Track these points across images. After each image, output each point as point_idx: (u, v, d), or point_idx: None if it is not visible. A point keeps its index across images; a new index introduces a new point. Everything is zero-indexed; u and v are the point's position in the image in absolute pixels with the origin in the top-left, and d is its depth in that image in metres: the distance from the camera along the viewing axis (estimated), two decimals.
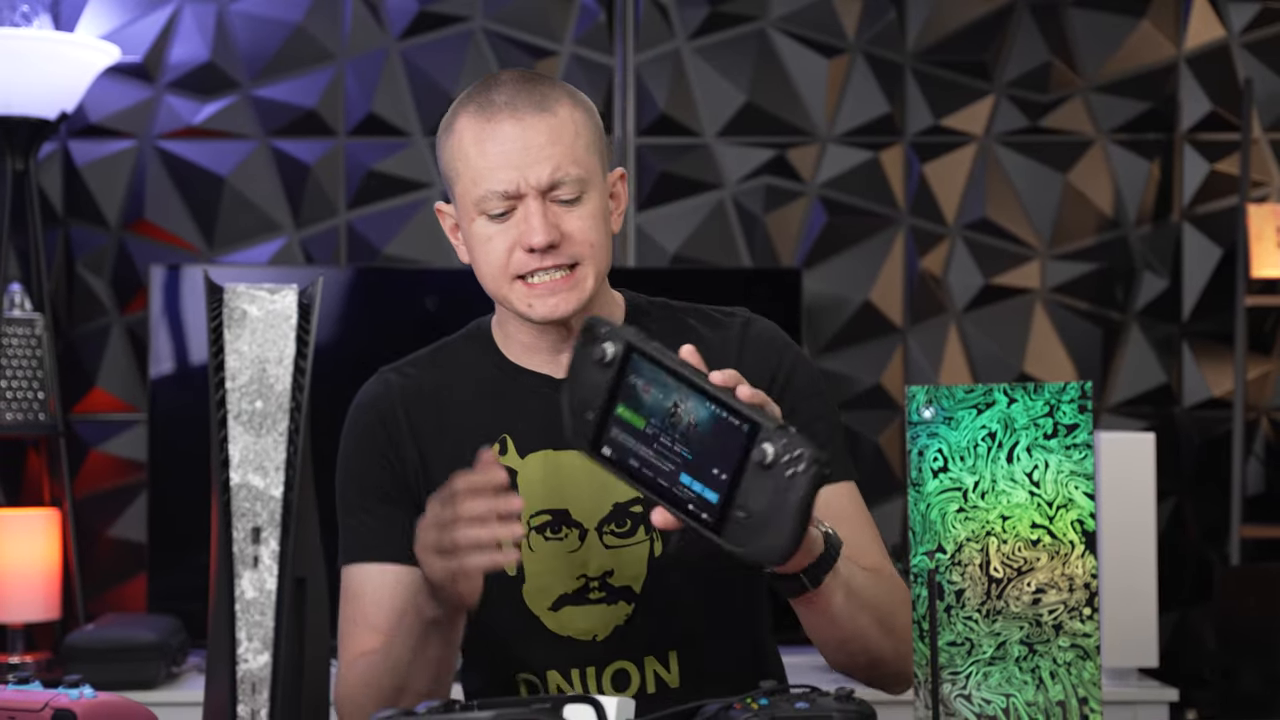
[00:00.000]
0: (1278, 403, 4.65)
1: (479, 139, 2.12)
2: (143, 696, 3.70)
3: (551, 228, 2.10)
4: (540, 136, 2.10)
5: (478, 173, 2.12)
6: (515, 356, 2.24)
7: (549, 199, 2.11)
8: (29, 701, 1.78)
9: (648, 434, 1.69)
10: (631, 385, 1.70)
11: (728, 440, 1.65)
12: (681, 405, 1.68)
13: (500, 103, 2.12)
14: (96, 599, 4.50)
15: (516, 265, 2.12)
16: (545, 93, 2.14)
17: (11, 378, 4.26)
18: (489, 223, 2.13)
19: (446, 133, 2.19)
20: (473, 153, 2.12)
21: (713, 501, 1.64)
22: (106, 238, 4.58)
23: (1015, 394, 1.79)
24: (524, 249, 2.10)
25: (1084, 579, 1.75)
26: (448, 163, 2.19)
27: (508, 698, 1.73)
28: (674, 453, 1.67)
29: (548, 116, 2.12)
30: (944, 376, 4.62)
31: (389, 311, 4.38)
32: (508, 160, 2.10)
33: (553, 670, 2.16)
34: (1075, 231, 4.66)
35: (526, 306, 2.13)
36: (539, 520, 2.16)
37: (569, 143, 2.12)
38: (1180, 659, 4.53)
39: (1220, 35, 4.66)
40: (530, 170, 2.09)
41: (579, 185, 2.12)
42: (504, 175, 2.10)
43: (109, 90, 4.54)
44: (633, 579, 2.17)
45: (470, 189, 2.13)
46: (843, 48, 4.65)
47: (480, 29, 4.62)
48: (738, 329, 2.26)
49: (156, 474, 4.33)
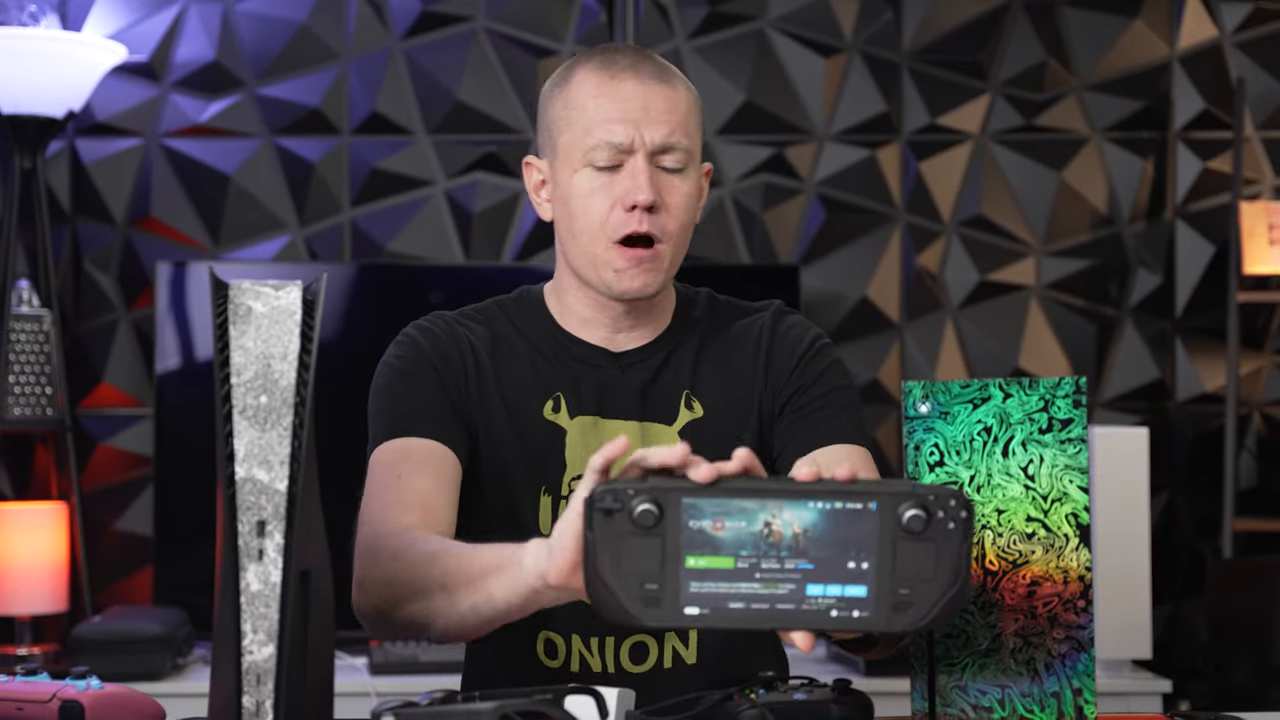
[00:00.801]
0: (1269, 398, 4.65)
1: (599, 91, 2.13)
2: (149, 688, 3.70)
3: (655, 189, 2.12)
4: (660, 101, 2.13)
5: (592, 122, 2.13)
6: (571, 327, 2.25)
7: (655, 163, 2.13)
8: (37, 693, 1.78)
9: (742, 569, 1.53)
10: (696, 531, 1.54)
11: (855, 528, 1.53)
12: (776, 520, 1.54)
13: (623, 64, 2.15)
14: (103, 591, 4.51)
15: (615, 224, 2.13)
16: (666, 67, 2.18)
17: (20, 373, 4.26)
18: (594, 175, 2.13)
19: (559, 85, 2.19)
20: (590, 104, 2.14)
21: (863, 595, 1.52)
22: (113, 235, 4.57)
23: (1011, 389, 1.79)
24: (625, 207, 2.12)
25: (1078, 572, 1.75)
26: (556, 113, 2.18)
27: (509, 689, 1.72)
28: (787, 571, 1.53)
29: (668, 86, 2.15)
30: (940, 372, 4.62)
31: (392, 307, 4.37)
32: (625, 115, 2.12)
33: (576, 634, 2.16)
34: (1070, 228, 4.66)
35: (613, 274, 2.15)
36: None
37: (684, 115, 2.16)
38: (1173, 650, 4.54)
39: (1213, 35, 4.66)
40: (646, 128, 2.12)
41: (686, 156, 2.16)
42: (620, 129, 2.11)
43: (116, 89, 4.53)
44: None
45: (581, 138, 2.14)
46: (840, 47, 4.65)
47: (482, 29, 4.62)
48: (769, 318, 2.28)
49: (163, 468, 4.33)
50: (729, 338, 2.27)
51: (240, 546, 1.61)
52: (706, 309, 2.30)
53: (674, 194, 2.15)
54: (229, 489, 1.62)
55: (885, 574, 1.51)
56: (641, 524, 1.54)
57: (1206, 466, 4.60)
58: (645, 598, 1.54)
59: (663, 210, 2.13)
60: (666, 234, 2.14)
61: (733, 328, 2.28)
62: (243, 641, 1.61)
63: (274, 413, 1.64)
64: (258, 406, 1.64)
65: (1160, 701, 4.01)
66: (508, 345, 2.24)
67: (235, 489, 1.62)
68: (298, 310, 1.67)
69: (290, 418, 1.64)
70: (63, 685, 1.79)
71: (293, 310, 1.67)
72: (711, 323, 2.28)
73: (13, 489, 4.52)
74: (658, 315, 2.26)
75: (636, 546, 1.54)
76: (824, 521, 1.53)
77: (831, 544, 1.53)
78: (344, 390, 4.08)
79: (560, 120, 2.17)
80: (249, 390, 1.65)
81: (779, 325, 2.28)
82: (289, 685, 1.60)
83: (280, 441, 1.64)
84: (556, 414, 2.19)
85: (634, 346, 2.23)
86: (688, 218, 2.17)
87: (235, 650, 1.60)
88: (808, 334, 2.28)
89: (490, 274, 4.49)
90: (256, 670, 1.61)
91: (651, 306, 2.24)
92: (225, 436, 1.63)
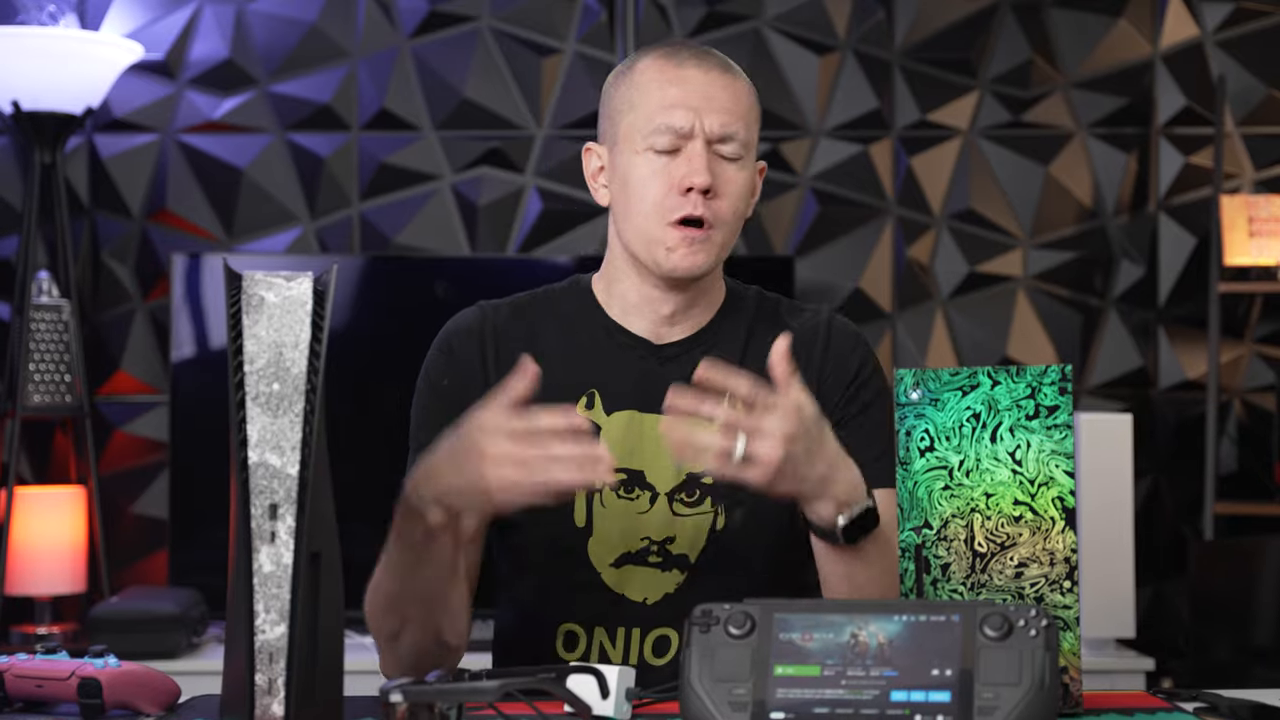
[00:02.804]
0: (1249, 385, 4.64)
1: (663, 77, 2.14)
2: (165, 666, 3.68)
3: (711, 174, 2.11)
4: (723, 91, 2.13)
5: (655, 107, 2.13)
6: (616, 315, 2.22)
7: (713, 150, 2.12)
8: (56, 670, 1.78)
9: (829, 676, 1.57)
10: (786, 642, 1.59)
11: (938, 638, 1.56)
12: (863, 632, 1.58)
13: (688, 54, 2.15)
14: (120, 573, 4.51)
15: (671, 206, 2.11)
16: (730, 63, 2.18)
17: (40, 361, 4.26)
18: (653, 158, 2.12)
19: (624, 73, 2.19)
20: (654, 89, 2.14)
21: (946, 701, 1.53)
22: (130, 227, 4.57)
23: (999, 377, 1.79)
24: (681, 190, 2.10)
25: (1064, 553, 1.75)
26: (620, 98, 2.18)
27: (514, 669, 1.73)
28: (873, 678, 1.55)
29: (730, 78, 2.16)
30: (930, 360, 4.62)
31: (400, 298, 4.37)
32: (688, 101, 2.11)
33: (600, 626, 2.14)
34: (1056, 221, 4.65)
35: (664, 252, 2.12)
36: (615, 478, 2.13)
37: (745, 108, 2.15)
38: (1156, 630, 4.54)
39: (1194, 34, 4.66)
40: (707, 115, 2.11)
41: (743, 147, 2.14)
42: (681, 114, 2.11)
43: (132, 86, 4.53)
44: (690, 548, 2.15)
45: (643, 122, 2.13)
46: (834, 46, 4.65)
47: (487, 28, 4.62)
48: (824, 321, 2.25)
49: (178, 453, 4.33)
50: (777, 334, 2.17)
51: (253, 529, 1.61)
52: (755, 304, 2.27)
53: (729, 182, 2.13)
54: (242, 473, 1.62)
55: (969, 679, 1.53)
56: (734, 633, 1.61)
57: (1188, 452, 4.60)
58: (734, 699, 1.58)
59: (717, 196, 2.12)
60: (719, 218, 2.13)
61: (780, 324, 2.23)
62: (255, 621, 1.61)
63: (286, 399, 1.64)
64: (270, 393, 1.64)
65: (1143, 679, 4.01)
66: (544, 340, 2.20)
67: (248, 473, 1.62)
68: (309, 300, 1.67)
69: (301, 404, 1.64)
70: (81, 663, 1.79)
71: (304, 300, 1.67)
72: (758, 318, 2.25)
73: (33, 473, 4.52)
74: (705, 308, 2.22)
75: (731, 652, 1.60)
76: (909, 632, 1.56)
77: (917, 652, 1.56)
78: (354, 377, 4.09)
79: (624, 105, 2.17)
80: (261, 378, 1.64)
81: (833, 332, 2.24)
82: (300, 663, 1.60)
83: (292, 427, 1.64)
84: (590, 410, 2.16)
85: (677, 339, 2.20)
86: (741, 206, 2.16)
87: (248, 629, 1.60)
88: (860, 349, 2.24)
89: (494, 265, 4.49)
90: (269, 649, 1.61)
91: (699, 296, 2.21)
92: (238, 422, 1.63)
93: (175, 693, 1.83)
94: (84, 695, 1.76)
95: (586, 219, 4.54)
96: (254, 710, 1.61)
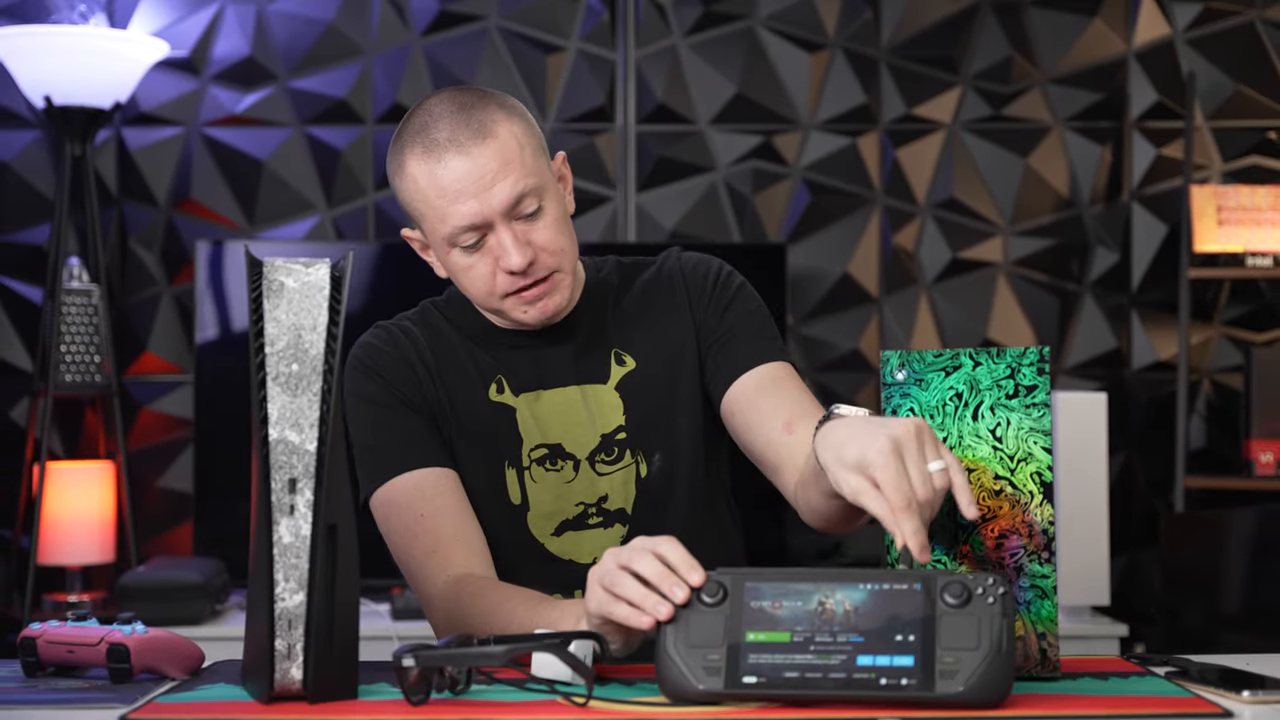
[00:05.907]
0: (1217, 365, 4.64)
1: (433, 180, 2.03)
2: (189, 631, 3.71)
3: (524, 246, 2.03)
4: (491, 163, 2.01)
5: (441, 213, 2.03)
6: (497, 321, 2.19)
7: (514, 218, 2.04)
8: (86, 636, 1.78)
9: (798, 642, 1.57)
10: (757, 609, 1.59)
11: (902, 605, 1.57)
12: (830, 599, 1.58)
13: (443, 140, 2.03)
14: (147, 543, 4.51)
15: (503, 285, 2.06)
16: (480, 118, 2.04)
17: (71, 343, 4.25)
18: (464, 254, 2.06)
19: (399, 175, 2.09)
20: (431, 194, 2.03)
21: (909, 665, 1.54)
22: (156, 216, 4.57)
23: (980, 358, 1.78)
24: (504, 271, 2.05)
25: (1042, 525, 1.75)
26: (408, 202, 2.09)
27: (519, 634, 1.72)
28: (840, 644, 1.56)
29: (490, 141, 2.02)
30: (915, 342, 4.62)
31: (413, 283, 4.34)
32: (465, 193, 2.01)
33: (559, 594, 2.11)
34: (1034, 210, 4.65)
35: (522, 313, 2.09)
36: (538, 454, 2.14)
37: (517, 159, 2.03)
38: (1130, 598, 4.54)
39: (1166, 33, 4.65)
40: (489, 198, 2.01)
41: (537, 196, 2.05)
42: (466, 209, 2.02)
43: (159, 82, 4.52)
44: (624, 501, 2.15)
45: (439, 227, 2.05)
46: (823, 44, 4.64)
47: (495, 27, 4.61)
48: (674, 261, 2.25)
49: (201, 430, 4.33)
50: (641, 290, 2.23)
51: (273, 502, 1.61)
52: (614, 272, 2.25)
53: (542, 235, 2.06)
54: (263, 449, 1.62)
55: (930, 644, 1.55)
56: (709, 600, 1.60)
57: (1160, 429, 4.59)
58: (707, 662, 1.58)
59: (539, 254, 2.05)
60: (553, 263, 2.07)
61: (639, 280, 2.24)
62: (275, 589, 1.61)
63: (304, 379, 1.64)
64: (289, 374, 1.64)
65: (1118, 644, 4.02)
66: (446, 342, 2.19)
67: (269, 449, 1.62)
68: (326, 285, 1.67)
69: (319, 384, 1.64)
70: (110, 630, 1.78)
71: (322, 285, 1.67)
72: (622, 282, 2.24)
73: (65, 449, 4.53)
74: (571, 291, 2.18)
75: (705, 617, 1.60)
76: (873, 600, 1.57)
77: (880, 619, 1.56)
78: None
79: (412, 209, 2.09)
80: (281, 359, 1.64)
81: (686, 265, 2.24)
82: (318, 629, 1.61)
83: (310, 406, 1.64)
84: (501, 394, 2.15)
85: (558, 323, 2.16)
86: (565, 240, 2.09)
87: (268, 597, 1.60)
88: (712, 267, 2.24)
89: None
90: (288, 616, 1.61)
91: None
92: (259, 401, 1.63)
93: (199, 657, 1.83)
94: (113, 660, 1.76)
95: (592, 206, 4.53)
96: (274, 674, 1.61)
